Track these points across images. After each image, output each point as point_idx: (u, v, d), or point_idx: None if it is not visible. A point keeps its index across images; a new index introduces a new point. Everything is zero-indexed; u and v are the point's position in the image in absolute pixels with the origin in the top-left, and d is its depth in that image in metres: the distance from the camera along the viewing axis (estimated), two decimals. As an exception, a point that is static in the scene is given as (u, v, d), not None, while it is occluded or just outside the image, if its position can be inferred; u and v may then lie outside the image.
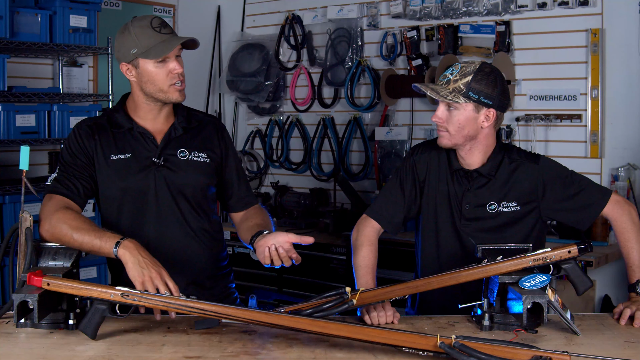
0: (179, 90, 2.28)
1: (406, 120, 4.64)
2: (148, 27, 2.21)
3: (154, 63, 2.23)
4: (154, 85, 2.26)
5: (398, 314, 2.14)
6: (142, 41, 2.21)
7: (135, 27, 2.23)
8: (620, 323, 2.10)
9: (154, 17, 2.25)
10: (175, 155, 2.33)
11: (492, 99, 2.25)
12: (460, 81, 2.24)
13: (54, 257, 2.09)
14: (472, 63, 2.28)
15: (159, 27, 2.23)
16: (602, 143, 3.96)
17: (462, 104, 2.24)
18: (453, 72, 2.27)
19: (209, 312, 1.88)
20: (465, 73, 2.24)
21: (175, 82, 2.26)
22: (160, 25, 2.24)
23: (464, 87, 2.24)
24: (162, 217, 2.31)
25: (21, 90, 3.96)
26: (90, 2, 4.19)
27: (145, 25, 2.22)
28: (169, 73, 2.24)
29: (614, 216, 2.33)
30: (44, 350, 1.83)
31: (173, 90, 2.27)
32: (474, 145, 2.32)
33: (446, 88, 2.25)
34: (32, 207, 3.59)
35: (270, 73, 5.16)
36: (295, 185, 5.19)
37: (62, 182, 2.24)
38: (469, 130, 2.27)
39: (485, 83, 2.24)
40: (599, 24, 3.92)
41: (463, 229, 2.36)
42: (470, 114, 2.26)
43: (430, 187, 2.41)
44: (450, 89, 2.25)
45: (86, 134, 2.31)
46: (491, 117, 2.28)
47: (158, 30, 2.22)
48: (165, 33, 2.23)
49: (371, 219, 2.46)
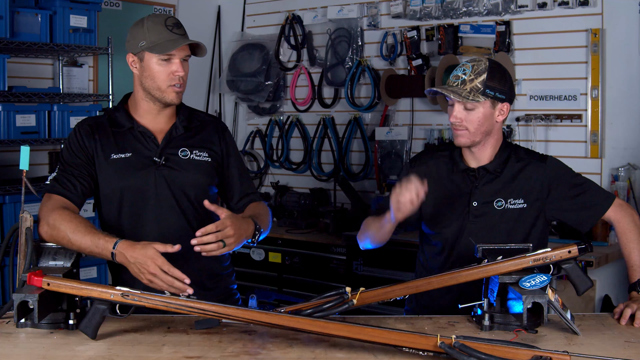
0: (176, 92, 2.28)
1: (406, 120, 4.64)
2: (161, 24, 2.25)
3: (157, 60, 2.25)
4: (153, 82, 2.27)
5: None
6: (152, 35, 2.24)
7: (149, 21, 2.27)
8: (620, 323, 2.10)
9: (170, 17, 2.30)
10: (176, 154, 2.33)
11: (505, 94, 2.32)
12: (477, 80, 2.27)
13: (54, 257, 2.09)
14: (480, 60, 2.31)
15: (172, 27, 2.26)
16: (602, 143, 3.96)
17: (483, 103, 2.29)
18: (466, 72, 2.29)
19: (209, 312, 1.88)
20: (479, 72, 2.28)
21: (174, 84, 2.27)
22: (174, 25, 2.27)
23: (482, 86, 2.28)
24: (163, 217, 2.31)
25: (21, 90, 3.96)
26: (90, 2, 4.19)
27: (159, 22, 2.26)
28: (170, 73, 2.26)
29: (617, 218, 2.35)
30: (44, 350, 1.83)
31: (170, 90, 2.28)
32: (487, 140, 2.36)
33: (463, 88, 2.28)
34: (32, 207, 3.58)
35: (271, 73, 5.16)
36: (295, 185, 5.19)
37: (61, 181, 2.25)
38: (487, 126, 2.32)
39: (498, 79, 2.30)
40: (599, 24, 3.92)
41: (470, 226, 2.37)
42: (488, 110, 2.30)
43: (429, 196, 2.42)
44: (467, 89, 2.28)
45: (86, 133, 2.31)
46: (505, 110, 2.35)
47: (170, 29, 2.25)
48: (176, 33, 2.26)
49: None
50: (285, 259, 4.47)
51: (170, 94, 2.28)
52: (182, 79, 2.28)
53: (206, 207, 2.12)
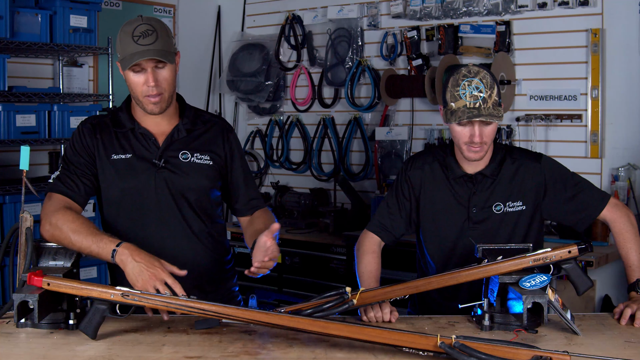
0: (152, 102, 2.21)
1: (406, 120, 4.64)
2: (129, 35, 2.17)
3: (129, 72, 2.19)
4: (132, 92, 2.24)
5: (396, 313, 2.14)
6: (121, 48, 2.19)
7: (122, 32, 2.20)
8: (620, 323, 2.10)
9: (139, 25, 2.19)
10: (177, 157, 2.31)
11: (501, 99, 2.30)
12: (493, 94, 2.23)
13: (54, 257, 2.09)
14: (482, 71, 2.26)
15: (139, 37, 2.16)
16: (602, 143, 3.96)
17: None
18: (482, 89, 2.23)
19: (210, 312, 1.88)
20: (490, 85, 2.23)
21: (148, 95, 2.20)
22: (141, 35, 2.17)
23: (497, 98, 2.25)
24: (164, 220, 2.30)
25: (21, 90, 3.97)
26: (90, 2, 4.20)
27: (127, 32, 2.18)
28: (143, 84, 2.20)
29: (613, 218, 2.34)
30: (44, 350, 1.83)
31: (147, 101, 2.22)
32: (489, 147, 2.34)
33: (488, 107, 2.22)
34: (33, 207, 3.60)
35: (271, 73, 5.16)
36: (296, 185, 5.19)
37: (64, 180, 2.24)
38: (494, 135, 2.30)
39: (498, 88, 2.28)
40: (599, 24, 3.92)
41: (470, 232, 2.36)
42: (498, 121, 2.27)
43: (427, 201, 2.42)
44: (490, 106, 2.22)
45: (89, 132, 2.30)
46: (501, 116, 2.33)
47: (135, 41, 2.16)
48: (141, 44, 2.16)
49: (371, 233, 2.45)
50: (285, 259, 4.47)
51: (147, 105, 2.23)
52: (156, 88, 2.19)
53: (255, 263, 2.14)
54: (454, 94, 2.24)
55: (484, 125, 2.24)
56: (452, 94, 2.25)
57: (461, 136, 2.27)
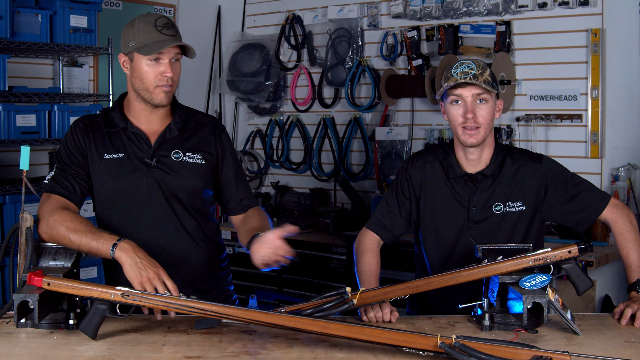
0: (164, 92, 2.24)
1: (406, 120, 4.64)
2: (151, 24, 2.21)
3: (146, 60, 2.22)
4: (142, 83, 2.24)
5: (397, 313, 2.14)
6: (141, 36, 2.21)
7: (140, 21, 2.24)
8: (621, 323, 2.10)
9: (162, 17, 2.25)
10: (168, 156, 2.31)
11: (498, 90, 2.33)
12: (485, 74, 2.27)
13: (54, 257, 2.09)
14: (475, 59, 2.32)
15: (162, 27, 2.22)
16: (603, 143, 3.96)
17: (492, 95, 2.29)
18: (473, 68, 2.27)
19: (210, 312, 1.88)
20: (483, 67, 2.29)
21: (162, 84, 2.23)
22: (164, 26, 2.22)
23: (490, 79, 2.28)
24: (156, 219, 2.30)
25: (21, 90, 3.97)
26: (90, 2, 4.20)
27: (149, 22, 2.22)
28: (158, 74, 2.22)
29: (613, 218, 2.35)
30: (44, 350, 1.83)
31: (159, 91, 2.24)
32: (488, 140, 2.34)
33: (479, 80, 2.26)
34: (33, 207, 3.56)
35: (271, 73, 5.16)
36: (296, 185, 5.19)
37: (59, 180, 2.24)
38: (492, 122, 2.33)
39: (493, 75, 2.31)
40: (599, 24, 3.92)
41: (470, 232, 2.36)
42: (493, 104, 2.31)
43: (427, 200, 2.42)
44: (481, 81, 2.26)
45: (82, 131, 2.30)
46: (500, 107, 2.37)
47: (159, 30, 2.21)
48: (165, 34, 2.21)
49: (371, 232, 2.45)
50: (285, 259, 4.47)
51: (158, 95, 2.24)
52: (171, 79, 2.24)
53: None
54: (446, 75, 2.31)
55: (478, 105, 2.27)
56: (444, 76, 2.32)
57: (456, 117, 2.30)
